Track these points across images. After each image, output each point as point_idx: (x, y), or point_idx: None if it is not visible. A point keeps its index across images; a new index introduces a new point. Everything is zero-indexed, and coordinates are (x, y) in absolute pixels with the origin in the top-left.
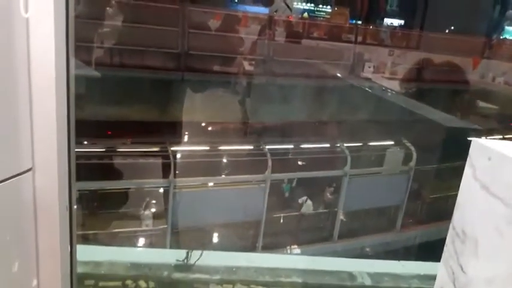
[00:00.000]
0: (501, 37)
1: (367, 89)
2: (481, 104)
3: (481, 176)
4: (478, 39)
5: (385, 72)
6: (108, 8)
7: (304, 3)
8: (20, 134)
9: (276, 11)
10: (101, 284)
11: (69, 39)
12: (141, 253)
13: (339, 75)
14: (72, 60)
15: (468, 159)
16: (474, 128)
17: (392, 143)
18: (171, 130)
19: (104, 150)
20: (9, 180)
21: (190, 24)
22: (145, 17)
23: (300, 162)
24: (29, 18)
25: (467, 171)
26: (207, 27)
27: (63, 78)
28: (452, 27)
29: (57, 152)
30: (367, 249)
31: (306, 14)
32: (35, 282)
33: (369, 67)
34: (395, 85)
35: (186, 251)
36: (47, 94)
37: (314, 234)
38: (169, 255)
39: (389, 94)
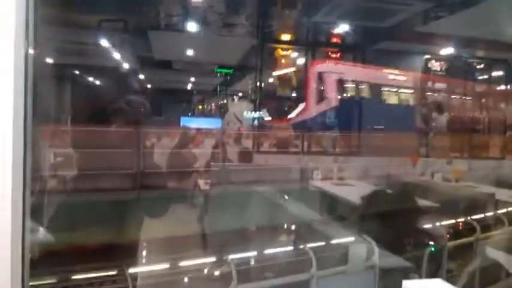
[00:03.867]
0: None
1: (317, 192)
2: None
3: None
4: (413, 137)
5: (332, 178)
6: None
7: (254, 112)
8: None
9: (228, 124)
10: None
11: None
12: None
13: (290, 179)
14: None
15: None
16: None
17: (353, 239)
18: (128, 251)
19: (54, 282)
20: None
21: (145, 144)
22: (98, 142)
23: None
24: None
25: None
26: (162, 145)
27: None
28: (382, 127)
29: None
30: None
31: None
32: None
33: (317, 174)
34: (342, 189)
35: None
36: None
37: None
38: None
39: (338, 196)
